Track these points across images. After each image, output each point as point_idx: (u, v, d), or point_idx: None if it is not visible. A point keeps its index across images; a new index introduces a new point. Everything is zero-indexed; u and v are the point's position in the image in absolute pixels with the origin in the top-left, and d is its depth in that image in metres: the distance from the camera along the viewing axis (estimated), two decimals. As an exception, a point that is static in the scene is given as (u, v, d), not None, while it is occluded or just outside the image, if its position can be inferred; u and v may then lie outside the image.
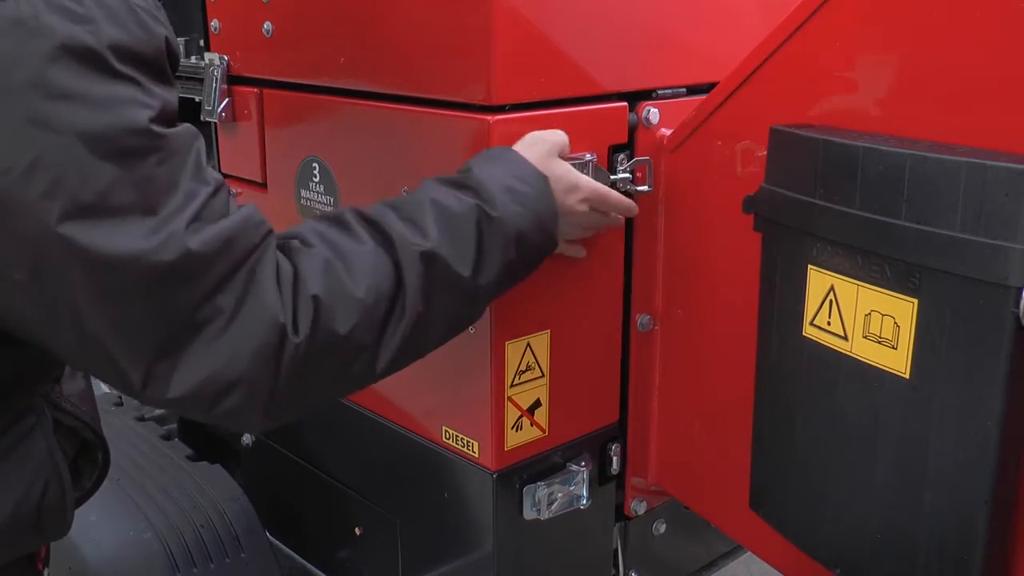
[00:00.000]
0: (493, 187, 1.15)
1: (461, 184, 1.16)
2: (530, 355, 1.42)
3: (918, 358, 1.03)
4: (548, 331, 1.43)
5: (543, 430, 1.46)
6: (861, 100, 1.14)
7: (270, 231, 1.00)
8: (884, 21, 1.11)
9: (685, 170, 1.43)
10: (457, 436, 1.47)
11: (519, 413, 1.42)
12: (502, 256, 1.15)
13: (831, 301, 1.12)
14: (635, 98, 1.46)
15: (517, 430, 1.42)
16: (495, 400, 1.39)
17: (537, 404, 1.44)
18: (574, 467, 1.50)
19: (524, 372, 1.41)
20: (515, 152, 1.23)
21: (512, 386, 1.40)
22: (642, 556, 1.72)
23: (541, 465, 1.48)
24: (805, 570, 1.27)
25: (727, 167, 1.35)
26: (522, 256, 1.18)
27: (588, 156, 1.37)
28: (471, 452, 1.44)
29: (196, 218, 0.91)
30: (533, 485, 1.45)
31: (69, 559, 1.64)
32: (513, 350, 1.39)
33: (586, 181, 1.29)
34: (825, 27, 1.16)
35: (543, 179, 1.21)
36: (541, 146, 1.26)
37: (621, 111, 1.43)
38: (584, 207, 1.29)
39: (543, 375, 1.44)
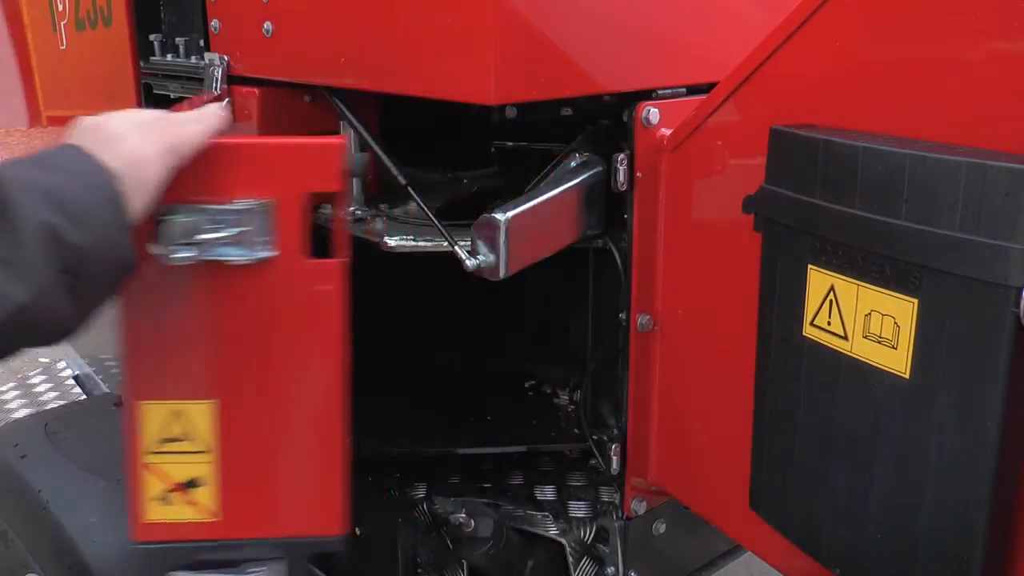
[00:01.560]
0: (6, 166, 1.00)
1: None
2: (183, 424, 1.27)
3: (918, 358, 1.03)
4: (214, 401, 1.27)
5: (212, 514, 1.30)
6: (861, 100, 1.14)
7: None
8: (884, 21, 1.11)
9: (685, 170, 1.43)
10: None
11: (166, 486, 1.29)
12: (32, 216, 0.95)
13: (831, 301, 1.12)
14: (635, 98, 1.45)
15: (165, 503, 1.29)
16: (131, 462, 1.27)
17: (195, 482, 1.29)
18: (253, 569, 1.32)
19: (172, 441, 1.28)
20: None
21: (153, 453, 1.27)
22: (642, 556, 1.72)
23: (207, 553, 1.32)
24: (805, 570, 1.27)
25: (727, 167, 1.35)
26: (71, 220, 0.98)
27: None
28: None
29: None
30: (185, 572, 1.31)
31: (69, 559, 1.64)
32: (150, 412, 1.26)
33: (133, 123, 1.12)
34: (825, 27, 1.16)
35: (69, 146, 1.07)
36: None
37: (331, 150, 1.24)
38: (146, 134, 1.12)
39: (207, 451, 1.28)
